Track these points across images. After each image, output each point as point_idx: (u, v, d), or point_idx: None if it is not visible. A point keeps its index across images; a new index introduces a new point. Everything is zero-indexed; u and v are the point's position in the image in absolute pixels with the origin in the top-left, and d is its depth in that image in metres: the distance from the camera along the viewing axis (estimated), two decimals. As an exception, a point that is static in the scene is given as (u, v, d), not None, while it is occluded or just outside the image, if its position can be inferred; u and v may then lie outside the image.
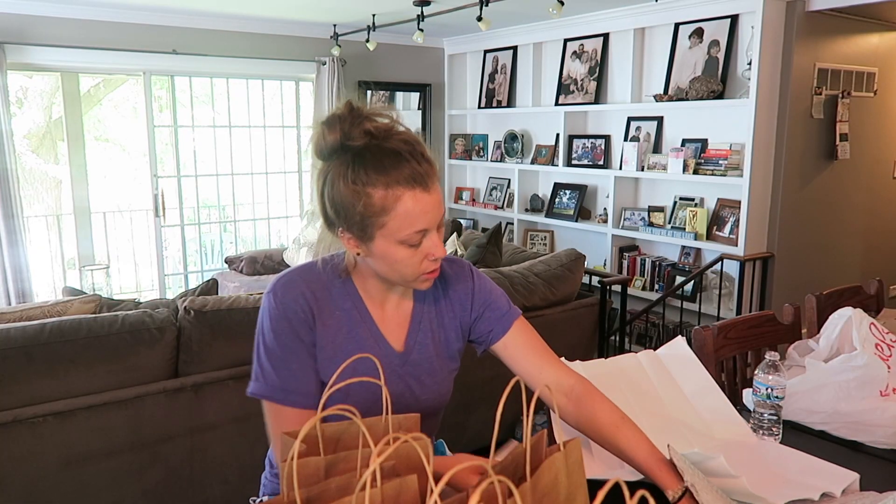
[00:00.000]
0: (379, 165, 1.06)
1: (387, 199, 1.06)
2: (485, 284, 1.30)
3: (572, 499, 0.81)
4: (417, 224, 1.08)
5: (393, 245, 1.10)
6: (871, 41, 4.28)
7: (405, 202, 1.06)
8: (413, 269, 1.13)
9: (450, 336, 1.28)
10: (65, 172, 4.95)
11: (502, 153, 5.52)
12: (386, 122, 1.10)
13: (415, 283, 1.17)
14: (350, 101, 1.10)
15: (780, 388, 1.40)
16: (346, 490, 0.81)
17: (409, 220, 1.07)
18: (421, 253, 1.11)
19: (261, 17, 4.78)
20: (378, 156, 1.06)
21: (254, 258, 4.86)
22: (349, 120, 1.07)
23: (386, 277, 1.17)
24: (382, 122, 1.09)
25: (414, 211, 1.07)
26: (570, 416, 1.23)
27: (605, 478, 1.22)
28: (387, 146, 1.07)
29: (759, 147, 3.81)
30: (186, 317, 2.16)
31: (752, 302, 3.99)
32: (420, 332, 1.24)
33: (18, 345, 1.91)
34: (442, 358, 1.27)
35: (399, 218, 1.07)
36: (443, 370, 1.27)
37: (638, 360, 1.52)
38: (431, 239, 1.11)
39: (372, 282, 1.21)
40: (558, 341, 3.03)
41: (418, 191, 1.07)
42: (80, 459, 1.99)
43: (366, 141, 1.07)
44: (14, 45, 4.19)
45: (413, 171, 1.07)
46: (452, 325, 1.28)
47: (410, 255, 1.11)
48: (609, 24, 4.60)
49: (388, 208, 1.07)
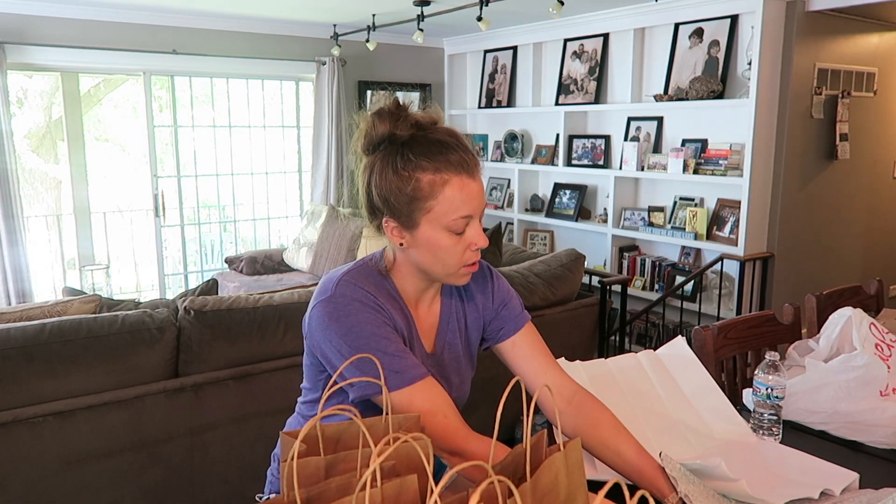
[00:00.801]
0: (428, 152, 1.11)
1: (435, 183, 1.10)
2: (503, 284, 1.34)
3: (572, 499, 0.81)
4: (463, 209, 1.11)
5: (438, 231, 1.12)
6: (871, 41, 4.28)
7: (452, 186, 1.10)
8: (456, 259, 1.15)
9: (473, 336, 1.31)
10: (65, 172, 4.95)
11: (502, 153, 5.52)
12: (432, 115, 1.16)
13: (455, 275, 1.18)
14: (397, 98, 1.17)
15: (780, 388, 1.40)
16: (347, 490, 0.82)
17: (455, 205, 1.10)
18: (464, 242, 1.14)
19: (261, 17, 4.78)
20: (426, 144, 1.11)
21: (254, 258, 4.86)
22: (397, 113, 1.13)
23: (427, 270, 1.17)
24: (428, 115, 1.15)
25: (460, 196, 1.11)
26: (570, 420, 1.23)
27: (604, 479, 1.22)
28: (433, 136, 1.12)
29: (759, 147, 3.81)
30: (186, 317, 2.16)
31: (752, 302, 3.99)
32: (448, 333, 1.27)
33: (18, 345, 1.91)
34: (467, 357, 1.30)
35: (446, 202, 1.10)
36: (468, 369, 1.31)
37: (638, 360, 1.52)
38: (475, 227, 1.14)
39: (410, 280, 1.21)
40: (558, 341, 3.03)
41: (465, 177, 1.11)
42: (80, 459, 1.99)
43: (413, 132, 1.12)
44: (14, 45, 4.19)
45: (460, 158, 1.11)
46: (476, 325, 1.31)
47: (454, 243, 1.13)
48: (609, 24, 4.60)
49: (435, 192, 1.10)
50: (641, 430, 1.35)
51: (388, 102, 1.15)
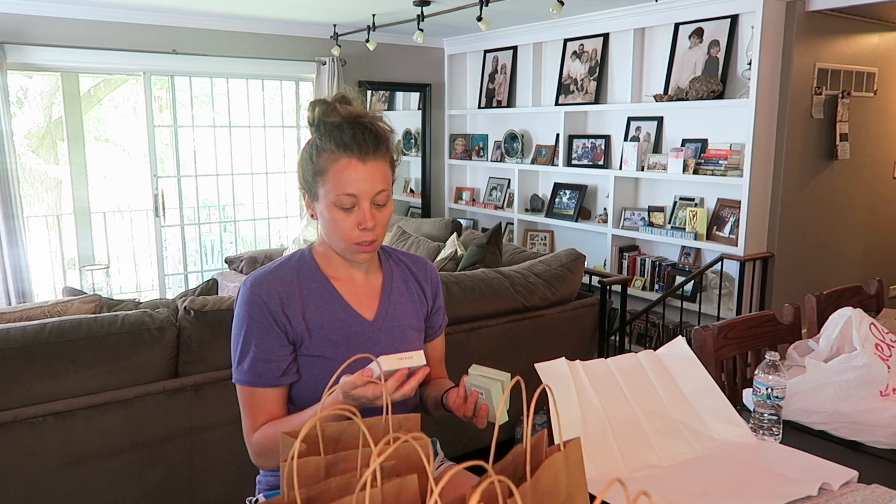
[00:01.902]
0: (333, 135, 1.26)
1: (328, 161, 1.25)
2: (441, 290, 1.50)
3: (572, 499, 0.81)
4: (348, 187, 1.24)
5: (329, 206, 1.26)
6: (871, 41, 4.28)
7: (340, 164, 1.24)
8: (346, 234, 1.27)
9: (418, 309, 1.44)
10: (65, 172, 4.96)
11: (502, 153, 5.52)
12: (361, 109, 1.30)
13: (348, 250, 1.30)
14: (342, 92, 1.32)
15: (780, 388, 1.40)
16: (346, 490, 0.82)
17: (340, 183, 1.24)
18: (353, 220, 1.26)
19: (261, 17, 4.78)
20: (337, 130, 1.26)
21: (254, 258, 4.86)
22: (329, 103, 1.29)
23: (329, 242, 1.32)
24: (357, 108, 1.29)
25: (345, 175, 1.24)
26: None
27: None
28: (353, 124, 1.27)
29: (759, 147, 3.81)
30: (186, 317, 2.16)
31: (752, 302, 3.99)
32: (390, 304, 1.38)
33: (18, 345, 1.91)
34: (413, 328, 1.41)
35: (334, 178, 1.25)
36: (414, 337, 1.41)
37: (638, 360, 1.52)
38: (363, 208, 1.26)
39: (335, 257, 1.35)
40: (558, 341, 3.04)
41: (354, 159, 1.24)
42: (80, 459, 1.99)
43: (338, 120, 1.27)
44: (14, 45, 4.19)
45: (357, 143, 1.25)
46: (419, 302, 1.45)
47: (342, 219, 1.26)
48: (609, 24, 4.60)
49: (328, 168, 1.25)
50: (641, 430, 1.35)
51: (330, 94, 1.32)
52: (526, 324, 2.90)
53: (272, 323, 1.26)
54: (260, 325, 1.27)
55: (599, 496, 0.56)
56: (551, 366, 1.40)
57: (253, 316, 1.27)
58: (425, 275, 1.46)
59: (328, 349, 1.29)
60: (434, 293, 1.47)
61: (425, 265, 1.48)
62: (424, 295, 1.45)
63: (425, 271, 1.47)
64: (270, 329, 1.26)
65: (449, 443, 1.46)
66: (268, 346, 1.26)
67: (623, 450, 1.30)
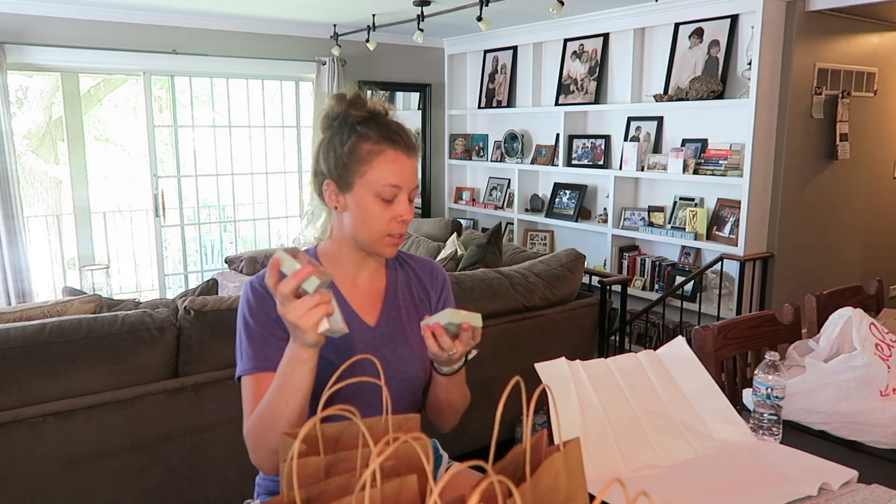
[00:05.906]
0: (373, 126, 1.26)
1: (372, 152, 1.24)
2: (451, 295, 1.46)
3: (572, 499, 0.81)
4: (393, 179, 1.24)
5: (368, 195, 1.24)
6: (871, 41, 4.28)
7: (387, 156, 1.24)
8: (381, 226, 1.25)
9: (420, 315, 1.38)
10: (65, 172, 4.95)
11: (502, 153, 5.52)
12: (386, 106, 1.30)
13: (380, 243, 1.28)
14: (358, 89, 1.31)
15: (780, 388, 1.40)
16: (346, 490, 0.81)
17: (386, 174, 1.23)
18: (391, 211, 1.25)
19: (261, 17, 4.78)
20: (373, 123, 1.26)
21: (254, 258, 4.86)
22: (355, 99, 1.28)
23: (356, 235, 1.28)
24: (382, 105, 1.30)
25: (392, 166, 1.24)
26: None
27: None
28: (382, 121, 1.27)
29: (759, 147, 3.81)
30: (186, 317, 2.16)
31: (752, 302, 3.99)
32: (394, 309, 1.36)
33: (18, 345, 1.91)
34: (416, 334, 1.36)
35: (379, 168, 1.23)
36: (412, 347, 1.36)
37: (638, 360, 1.52)
38: (402, 200, 1.26)
39: (345, 253, 1.33)
40: (558, 341, 3.04)
41: (400, 152, 1.25)
42: (80, 459, 1.99)
43: (365, 115, 1.26)
44: (14, 45, 4.19)
45: (400, 138, 1.26)
46: (422, 308, 1.41)
47: (382, 210, 1.25)
48: (609, 24, 4.60)
49: (371, 159, 1.23)
50: (641, 431, 1.35)
51: (350, 91, 1.30)
52: (526, 324, 2.90)
53: (275, 322, 1.26)
54: (263, 325, 1.27)
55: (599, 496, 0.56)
56: (551, 366, 1.40)
57: (256, 316, 1.27)
58: (431, 280, 1.43)
59: (328, 352, 1.27)
60: (439, 298, 1.43)
61: (432, 270, 1.45)
62: (428, 300, 1.41)
63: (431, 276, 1.44)
64: (274, 328, 1.27)
65: (449, 443, 1.45)
66: (273, 342, 1.27)
67: (623, 450, 1.30)
